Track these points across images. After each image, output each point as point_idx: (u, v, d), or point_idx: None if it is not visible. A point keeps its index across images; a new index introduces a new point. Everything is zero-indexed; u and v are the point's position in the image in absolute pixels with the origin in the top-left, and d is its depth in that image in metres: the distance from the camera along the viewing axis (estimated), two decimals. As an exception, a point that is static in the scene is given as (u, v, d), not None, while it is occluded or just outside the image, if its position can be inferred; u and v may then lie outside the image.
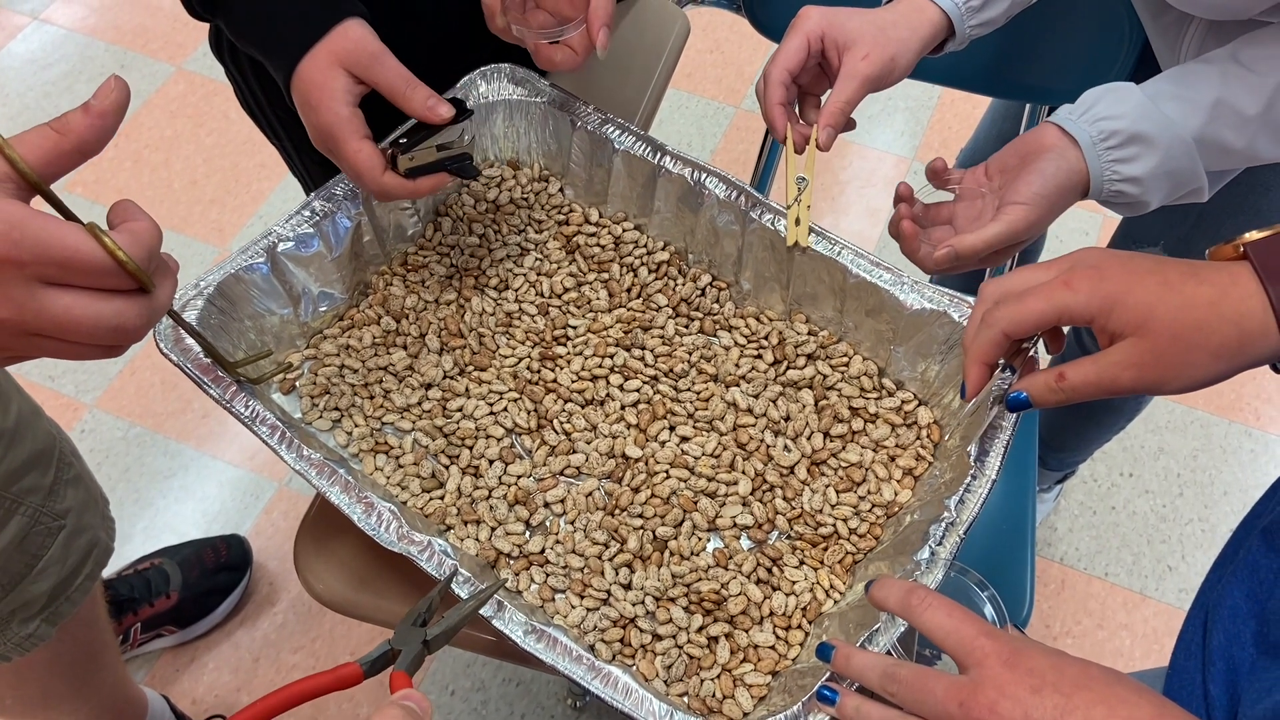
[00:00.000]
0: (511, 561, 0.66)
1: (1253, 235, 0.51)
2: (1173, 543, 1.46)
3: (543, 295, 0.79)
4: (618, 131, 0.78)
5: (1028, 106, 1.08)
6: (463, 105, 0.69)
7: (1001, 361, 0.58)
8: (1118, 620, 1.41)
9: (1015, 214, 0.68)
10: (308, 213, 0.73)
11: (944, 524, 0.60)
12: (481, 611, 0.58)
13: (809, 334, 0.76)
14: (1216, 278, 0.51)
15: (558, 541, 0.67)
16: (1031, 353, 0.59)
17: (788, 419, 0.72)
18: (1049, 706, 0.43)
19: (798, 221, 0.72)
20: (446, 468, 0.70)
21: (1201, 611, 0.54)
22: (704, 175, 0.75)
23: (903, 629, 0.56)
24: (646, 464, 0.70)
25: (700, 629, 0.63)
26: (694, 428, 0.72)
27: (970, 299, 0.68)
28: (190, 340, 0.66)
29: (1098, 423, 1.29)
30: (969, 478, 0.62)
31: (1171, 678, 0.54)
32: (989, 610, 0.60)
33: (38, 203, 0.42)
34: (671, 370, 0.75)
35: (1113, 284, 0.51)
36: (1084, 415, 1.28)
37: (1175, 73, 0.69)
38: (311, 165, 0.95)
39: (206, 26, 0.87)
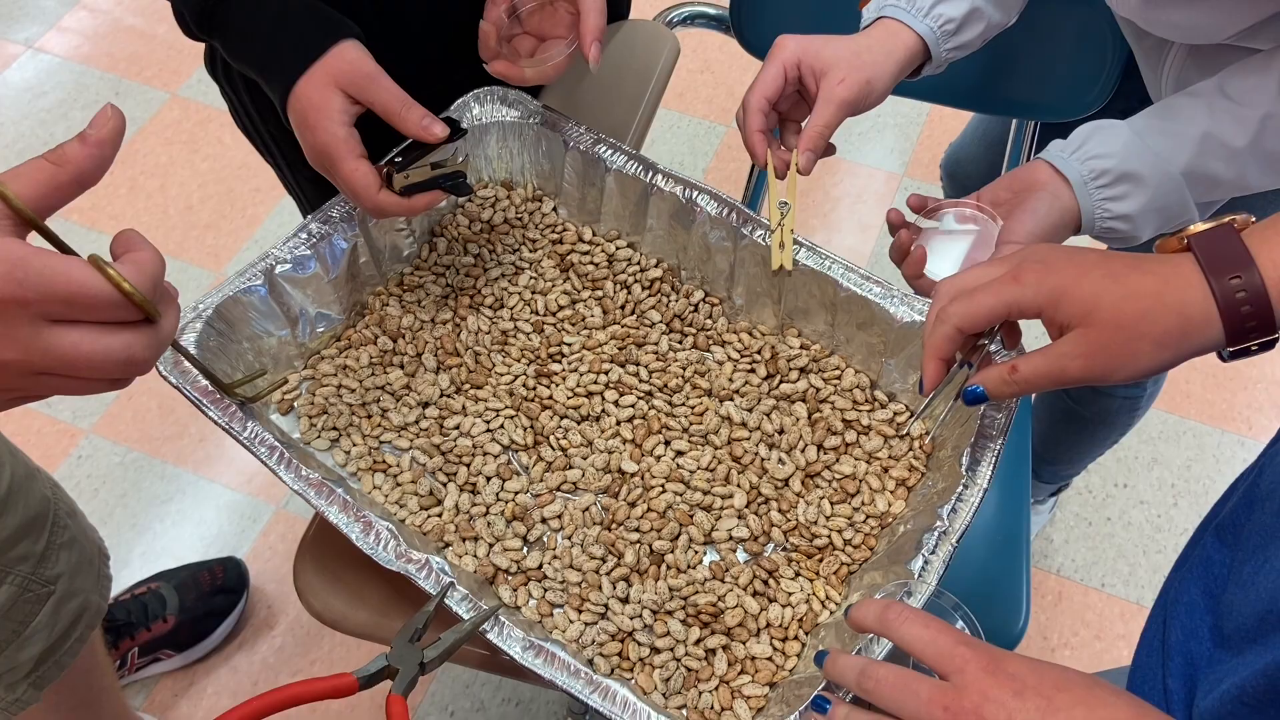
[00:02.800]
0: (509, 577, 0.67)
1: (1197, 227, 0.52)
2: (1168, 553, 1.47)
3: (537, 313, 0.79)
4: (610, 151, 0.79)
5: (1014, 124, 1.10)
6: (457, 125, 0.70)
7: (959, 357, 0.59)
8: (1115, 631, 1.41)
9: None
10: (305, 235, 0.74)
11: (936, 533, 0.61)
12: (481, 627, 0.59)
13: (801, 348, 0.76)
14: (1160, 269, 0.52)
15: (555, 557, 0.68)
16: (991, 348, 0.61)
17: (781, 432, 0.73)
18: (1032, 709, 0.44)
19: (782, 245, 0.73)
20: (444, 485, 0.71)
21: (1161, 610, 0.55)
22: (695, 193, 0.76)
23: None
24: (642, 478, 0.71)
25: (698, 641, 0.64)
26: (689, 442, 0.73)
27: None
28: (189, 363, 0.66)
29: (1091, 435, 1.30)
30: (961, 487, 0.63)
31: (1133, 674, 0.55)
32: (962, 627, 0.60)
33: (34, 239, 0.42)
34: (666, 385, 0.75)
35: (1059, 277, 0.53)
36: (1076, 428, 1.29)
37: (1162, 107, 0.70)
38: (306, 185, 0.96)
39: (201, 51, 0.88)
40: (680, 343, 0.78)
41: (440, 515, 0.69)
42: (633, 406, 0.74)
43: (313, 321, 0.76)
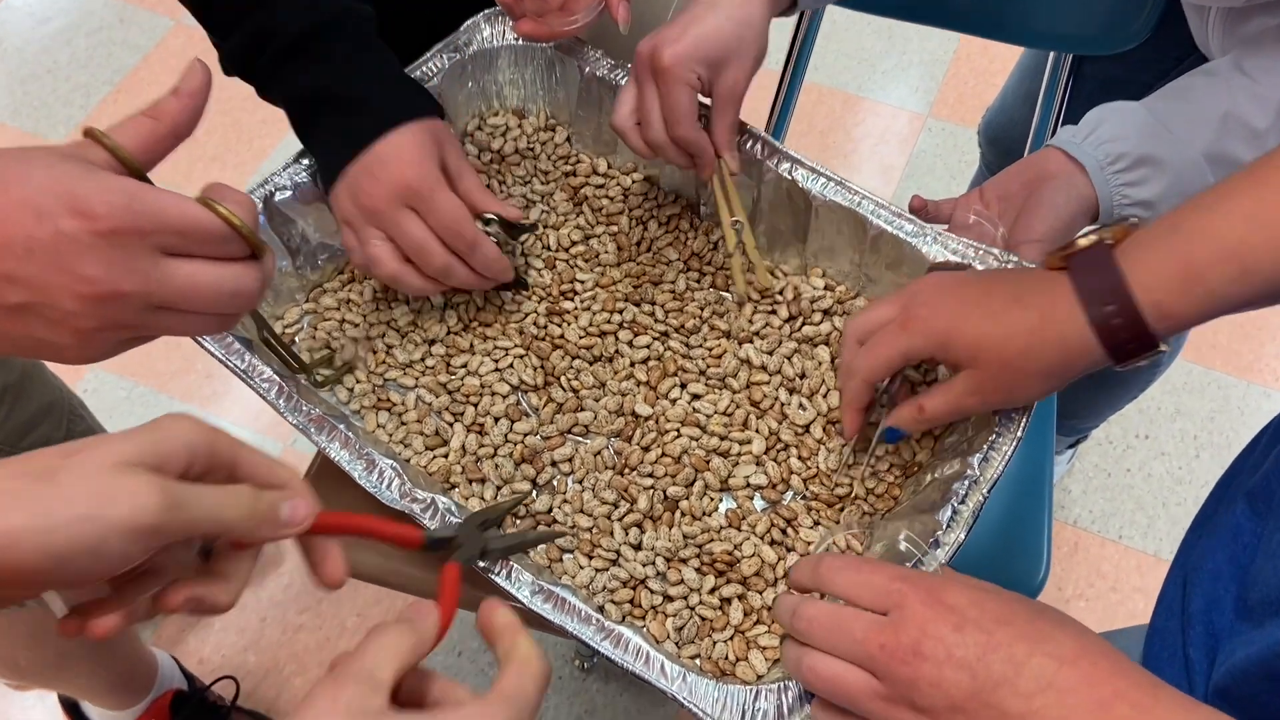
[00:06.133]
0: (518, 521, 0.64)
1: (1082, 242, 0.53)
2: (1188, 505, 1.44)
3: (549, 249, 0.76)
4: (628, 77, 0.75)
5: (1050, 59, 1.04)
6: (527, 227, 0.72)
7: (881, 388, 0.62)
8: (1131, 583, 1.40)
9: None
10: (306, 160, 0.70)
11: (967, 482, 0.58)
12: (487, 572, 0.57)
13: (826, 289, 0.73)
14: (1038, 300, 0.53)
15: (565, 501, 0.65)
16: (903, 383, 0.63)
17: (803, 376, 0.70)
18: (972, 644, 0.42)
19: (748, 269, 0.70)
20: (450, 425, 0.68)
21: (1181, 572, 0.54)
22: (717, 122, 0.72)
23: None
24: (657, 422, 0.68)
25: (713, 590, 0.62)
26: (706, 385, 0.70)
27: (996, 251, 0.66)
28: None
29: (1109, 392, 1.27)
30: (994, 435, 0.60)
31: (1152, 639, 0.54)
32: (906, 549, 0.59)
33: None
34: (682, 326, 0.72)
35: (943, 322, 0.55)
36: (1095, 384, 1.26)
37: (1176, 88, 0.66)
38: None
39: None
40: (698, 282, 0.75)
41: (446, 456, 0.67)
42: (647, 348, 0.71)
43: (314, 252, 0.73)
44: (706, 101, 0.67)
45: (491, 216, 0.68)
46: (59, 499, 0.34)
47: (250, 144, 1.81)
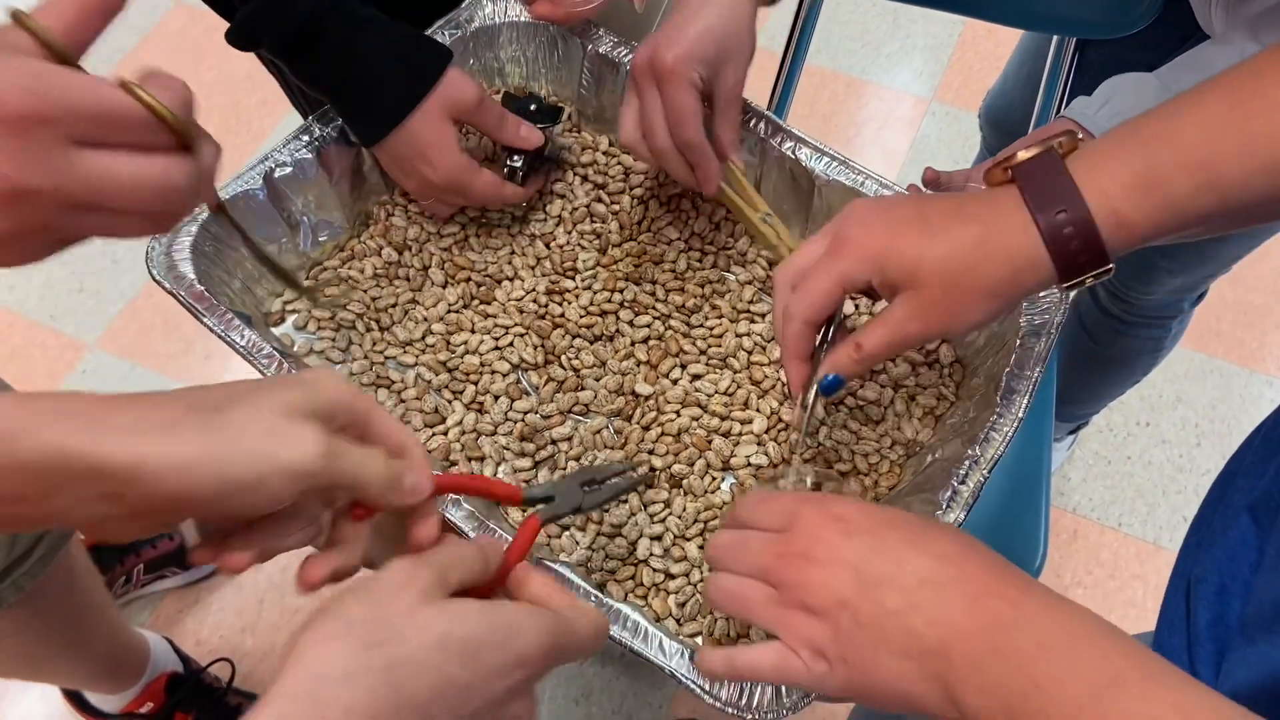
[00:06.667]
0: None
1: (1023, 154, 0.49)
2: (1189, 493, 1.44)
3: (550, 226, 0.75)
4: (631, 55, 0.74)
5: (1053, 43, 1.04)
6: (555, 111, 0.74)
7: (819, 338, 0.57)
8: (1130, 571, 1.40)
9: None
10: (307, 137, 0.70)
11: (967, 462, 0.58)
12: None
13: (827, 269, 0.72)
14: (982, 211, 0.50)
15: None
16: (847, 323, 0.59)
17: (804, 356, 0.69)
18: (859, 546, 0.44)
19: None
20: (450, 403, 0.68)
21: (1183, 582, 0.53)
22: (720, 101, 0.72)
23: None
24: (656, 402, 0.68)
25: (712, 569, 0.61)
26: (707, 365, 0.69)
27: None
28: (184, 268, 0.63)
29: (1111, 376, 1.27)
30: (994, 416, 0.59)
31: (1157, 652, 0.53)
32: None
33: None
34: (683, 306, 0.72)
35: (876, 241, 0.51)
36: (1096, 368, 1.25)
37: (1191, 58, 0.66)
38: (312, 97, 0.92)
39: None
40: (700, 261, 0.74)
41: (446, 434, 0.66)
42: (648, 327, 0.71)
43: (314, 229, 0.72)
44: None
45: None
46: (233, 433, 0.36)
47: (249, 125, 1.80)
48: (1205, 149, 0.46)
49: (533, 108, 0.73)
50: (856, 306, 0.70)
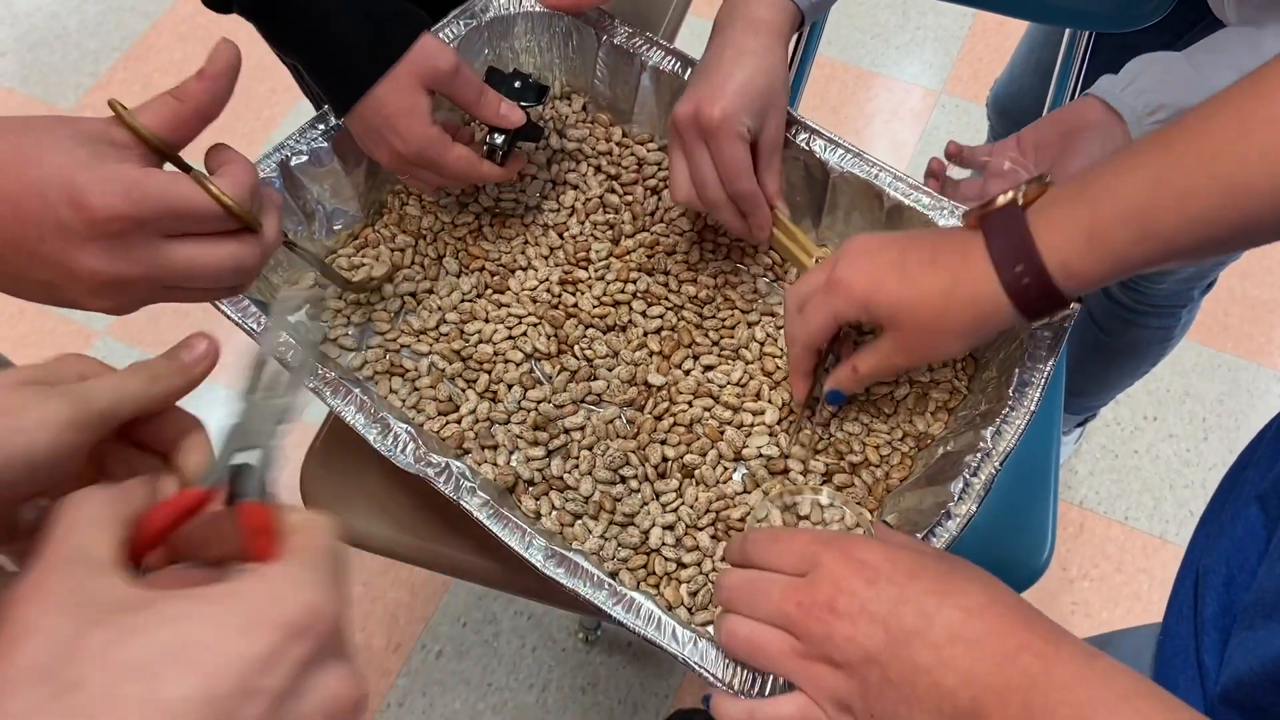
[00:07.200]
0: (530, 487, 0.65)
1: (1000, 200, 0.53)
2: (1195, 488, 1.44)
3: (562, 217, 0.76)
4: (646, 46, 0.74)
5: (1066, 33, 1.04)
6: (540, 89, 0.70)
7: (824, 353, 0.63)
8: (1136, 564, 1.40)
9: None
10: (322, 127, 0.70)
11: (980, 455, 0.58)
12: (503, 537, 0.57)
13: (840, 261, 0.73)
14: (951, 261, 0.54)
15: (576, 467, 0.65)
16: (845, 340, 0.65)
17: (816, 348, 0.69)
18: (884, 598, 0.44)
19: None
20: (464, 392, 0.68)
21: (1192, 573, 0.54)
22: (734, 92, 0.72)
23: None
24: (669, 392, 0.68)
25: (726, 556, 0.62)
26: (719, 356, 0.70)
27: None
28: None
29: (1120, 366, 1.26)
30: (1006, 409, 0.60)
31: (1164, 643, 0.54)
32: (829, 503, 0.63)
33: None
34: (696, 297, 0.72)
35: (862, 285, 0.56)
36: (1106, 358, 1.25)
37: (1218, 39, 0.65)
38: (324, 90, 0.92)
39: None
40: (712, 252, 0.75)
41: (459, 422, 0.67)
42: (660, 318, 0.71)
43: (329, 218, 0.73)
44: None
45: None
46: None
47: (259, 113, 1.80)
48: (1141, 202, 0.48)
49: (516, 84, 0.69)
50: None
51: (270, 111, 1.80)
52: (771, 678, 0.52)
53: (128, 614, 0.27)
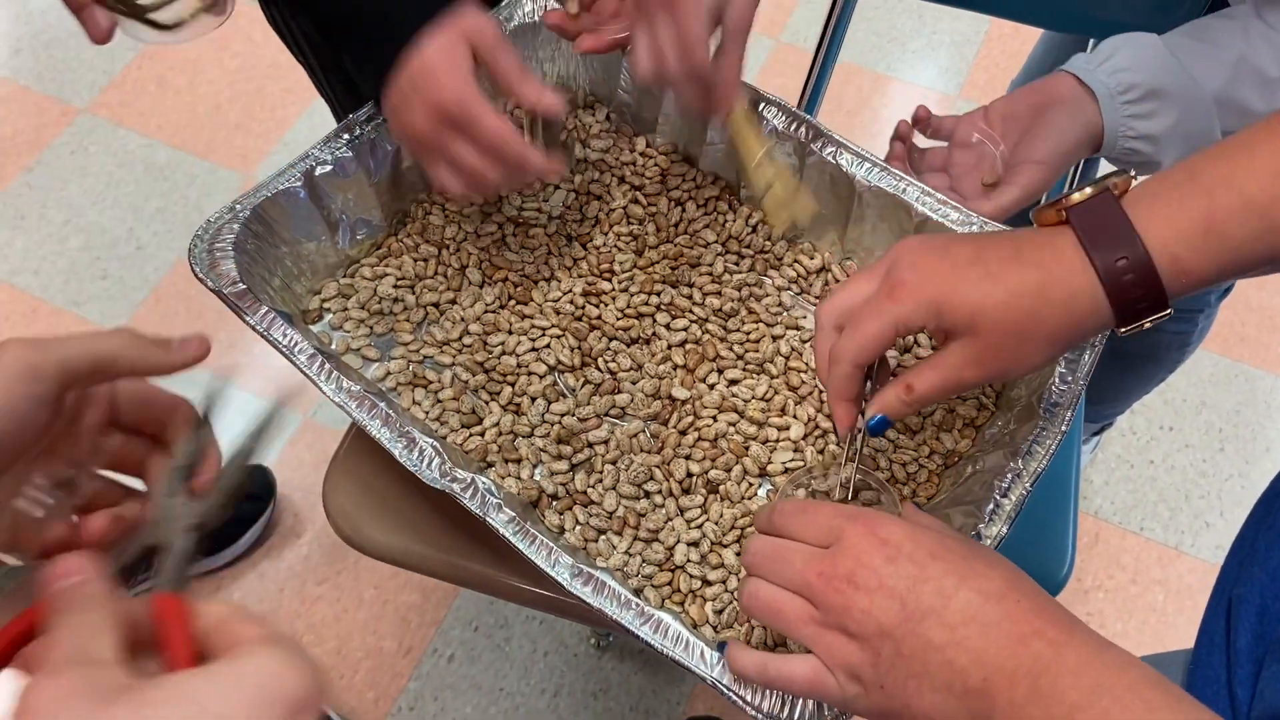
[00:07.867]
0: (554, 501, 0.64)
1: (1076, 196, 0.48)
2: (1211, 498, 1.44)
3: (585, 228, 0.75)
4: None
5: (1091, 42, 1.03)
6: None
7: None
8: (1152, 575, 1.39)
9: (1031, 174, 0.65)
10: (347, 136, 0.70)
11: (1010, 475, 0.58)
12: (530, 554, 0.56)
13: (865, 275, 0.72)
14: (1041, 256, 0.48)
15: (600, 482, 0.65)
16: (891, 365, 0.59)
17: (842, 363, 0.69)
18: (903, 575, 0.44)
19: (783, 202, 0.66)
20: (487, 404, 0.68)
21: (1224, 600, 0.53)
22: (762, 104, 0.71)
23: None
24: (693, 406, 0.68)
25: (749, 577, 0.61)
26: (743, 370, 0.69)
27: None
28: (226, 265, 0.63)
29: (1137, 373, 1.26)
30: (1037, 429, 0.59)
31: (1195, 671, 0.53)
32: (875, 489, 0.60)
33: None
34: (720, 310, 0.72)
35: (934, 286, 0.49)
36: (1122, 365, 1.25)
37: (1196, 26, 0.65)
38: (339, 87, 0.91)
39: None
40: (737, 265, 0.74)
41: (483, 435, 0.66)
42: (685, 330, 0.71)
43: (353, 227, 0.72)
44: None
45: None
46: None
47: (273, 112, 1.80)
48: (1260, 193, 0.46)
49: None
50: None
51: (284, 111, 1.80)
52: (801, 703, 0.52)
53: (140, 693, 0.28)
